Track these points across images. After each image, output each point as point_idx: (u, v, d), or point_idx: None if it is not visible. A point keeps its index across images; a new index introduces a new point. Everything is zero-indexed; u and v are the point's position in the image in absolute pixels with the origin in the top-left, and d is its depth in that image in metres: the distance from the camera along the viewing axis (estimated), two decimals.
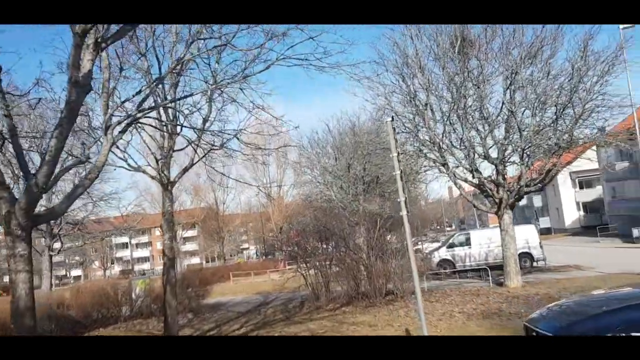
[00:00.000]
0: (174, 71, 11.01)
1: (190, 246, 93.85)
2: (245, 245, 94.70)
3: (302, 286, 20.19)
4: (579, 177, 56.01)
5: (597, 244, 40.86)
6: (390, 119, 9.48)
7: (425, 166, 19.81)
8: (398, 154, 8.82)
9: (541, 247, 26.08)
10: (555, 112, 16.33)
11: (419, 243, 52.74)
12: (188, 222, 59.08)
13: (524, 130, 16.51)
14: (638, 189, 42.99)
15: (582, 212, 57.05)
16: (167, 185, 14.10)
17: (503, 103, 17.18)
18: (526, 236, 26.30)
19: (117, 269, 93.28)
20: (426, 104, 18.26)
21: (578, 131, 16.67)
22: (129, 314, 21.18)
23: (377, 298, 17.60)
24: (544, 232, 60.85)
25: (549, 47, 16.45)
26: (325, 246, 20.04)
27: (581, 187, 57.10)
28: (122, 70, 11.32)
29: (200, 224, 67.43)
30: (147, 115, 10.73)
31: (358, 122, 26.56)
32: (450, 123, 18.14)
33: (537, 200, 62.13)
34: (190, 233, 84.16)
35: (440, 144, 18.19)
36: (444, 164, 18.37)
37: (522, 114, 16.92)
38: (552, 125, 16.48)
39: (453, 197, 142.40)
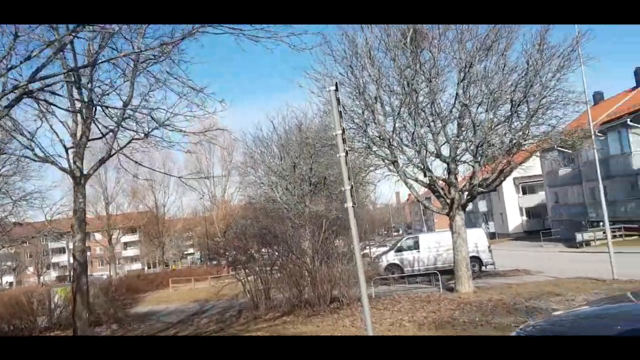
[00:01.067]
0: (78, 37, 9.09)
1: (132, 251, 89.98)
2: (190, 251, 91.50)
3: (242, 293, 18.47)
4: (522, 182, 56.52)
5: (541, 249, 40.94)
6: (334, 87, 7.97)
7: (373, 165, 18.48)
8: (343, 130, 7.32)
9: (490, 251, 25.32)
10: (511, 108, 15.32)
11: (367, 247, 51.73)
12: (125, 226, 55.95)
13: (477, 126, 15.43)
14: (580, 195, 43.42)
15: (525, 217, 57.57)
16: (79, 179, 12.13)
17: (456, 97, 16.06)
18: (475, 240, 25.46)
19: (53, 275, 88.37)
20: (376, 98, 16.95)
21: (533, 129, 15.73)
22: (46, 326, 18.85)
23: (322, 306, 16.10)
24: (489, 236, 61.25)
25: (505, 39, 15.47)
26: (266, 250, 18.38)
27: (524, 193, 57.64)
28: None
29: (140, 228, 64.20)
30: (56, 93, 8.89)
31: (305, 118, 25.04)
32: (401, 119, 16.90)
33: (482, 205, 62.43)
34: (131, 238, 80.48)
35: (390, 140, 16.92)
36: (394, 162, 17.10)
37: (477, 109, 15.86)
38: (506, 122, 15.47)
39: (400, 202, 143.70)
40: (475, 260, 25.28)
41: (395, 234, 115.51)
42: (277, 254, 17.74)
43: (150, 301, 28.74)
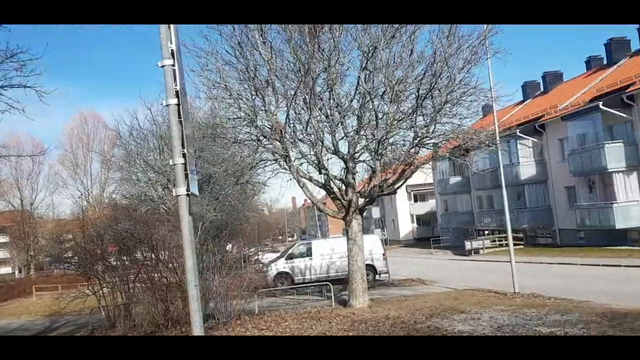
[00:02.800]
0: None
1: (0, 254, 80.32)
2: (70, 254, 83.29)
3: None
4: (413, 190, 56.75)
5: (432, 256, 40.61)
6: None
7: (263, 160, 15.93)
8: (179, 95, 4.52)
9: (385, 259, 23.67)
10: (416, 101, 13.47)
11: (258, 254, 48.72)
12: None
13: (380, 119, 13.42)
14: (468, 203, 43.80)
15: (415, 225, 57.84)
16: None
17: (357, 86, 13.96)
18: (370, 247, 23.68)
19: None
20: (267, 82, 14.46)
21: (438, 126, 14.03)
22: None
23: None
24: (384, 243, 60.94)
25: (413, 24, 13.60)
26: (127, 257, 15.13)
27: (415, 200, 57.94)
28: None
29: (6, 229, 56.59)
30: None
31: (191, 107, 21.88)
32: (295, 108, 14.53)
33: (376, 212, 62.05)
34: (1, 239, 71.43)
35: (282, 131, 14.48)
36: (286, 157, 14.68)
37: (379, 101, 13.85)
38: (411, 115, 13.60)
39: (296, 207, 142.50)
40: (370, 268, 23.46)
41: (290, 239, 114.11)
42: (140, 262, 14.57)
43: None
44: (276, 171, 16.38)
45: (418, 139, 13.74)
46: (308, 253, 24.04)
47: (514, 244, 35.56)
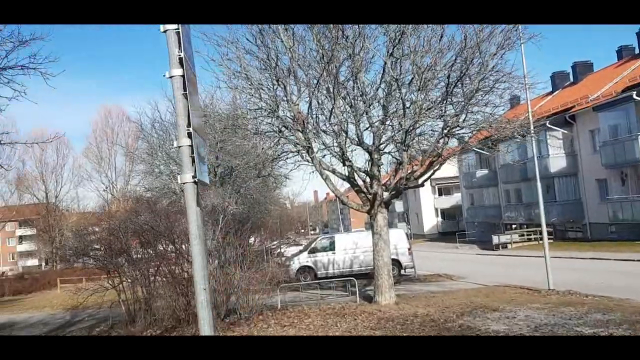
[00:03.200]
0: None
1: (27, 246, 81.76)
2: (97, 246, 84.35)
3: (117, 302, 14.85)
4: (438, 184, 55.77)
5: (457, 250, 39.77)
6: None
7: (285, 152, 15.45)
8: (183, 63, 3.93)
9: (410, 254, 23.04)
10: (446, 88, 12.78)
11: (282, 247, 48.41)
12: (9, 218, 49.42)
13: (408, 108, 12.77)
14: (495, 197, 42.77)
15: (440, 219, 56.90)
16: None
17: (383, 74, 13.33)
18: (395, 241, 23.05)
19: None
20: (289, 70, 13.94)
21: (469, 115, 13.32)
22: None
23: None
24: (410, 237, 60.20)
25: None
26: (148, 251, 14.81)
27: (440, 194, 56.96)
28: None
29: (32, 222, 57.24)
30: None
31: (212, 99, 21.48)
32: (318, 97, 13.99)
33: (399, 206, 61.23)
34: (26, 231, 72.57)
35: (305, 122, 13.96)
36: (308, 149, 14.15)
37: (408, 86, 13.19)
38: (440, 104, 12.92)
39: (318, 201, 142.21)
40: (395, 263, 22.86)
41: (312, 232, 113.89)
42: (161, 255, 14.23)
43: (21, 306, 24.19)
44: (298, 163, 15.90)
45: (448, 128, 13.06)
46: (331, 247, 23.54)
47: (542, 238, 34.89)
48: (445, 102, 12.79)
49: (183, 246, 14.48)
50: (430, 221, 56.82)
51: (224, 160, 22.07)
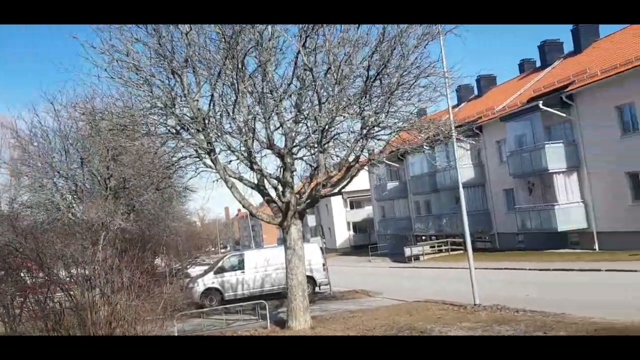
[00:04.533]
0: None
1: None
2: None
3: None
4: (349, 197, 54.99)
5: (370, 264, 38.74)
6: None
7: (184, 157, 13.21)
8: None
9: (326, 269, 21.34)
10: (365, 82, 11.22)
11: (189, 267, 44.98)
12: None
13: (324, 103, 11.05)
14: (405, 208, 42.39)
15: (352, 232, 56.05)
16: None
17: (295, 67, 11.55)
18: (309, 256, 21.28)
19: None
20: (186, 60, 11.80)
21: (390, 114, 11.83)
22: None
23: None
24: (324, 252, 58.75)
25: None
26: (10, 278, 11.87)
27: (352, 207, 56.20)
28: None
29: None
30: None
31: (93, 93, 18.30)
32: (220, 93, 11.96)
33: (312, 220, 59.80)
34: None
35: (206, 121, 11.86)
36: (210, 152, 12.04)
37: (324, 77, 11.49)
38: (359, 100, 11.32)
39: (230, 217, 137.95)
40: (309, 280, 21.07)
41: (223, 250, 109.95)
42: (26, 283, 11.41)
43: None
44: (200, 170, 13.70)
45: (367, 128, 11.48)
46: (240, 266, 21.32)
47: (452, 249, 34.66)
48: (364, 98, 11.20)
49: (61, 272, 11.81)
50: (343, 235, 55.84)
51: (116, 170, 19.27)
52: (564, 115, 25.21)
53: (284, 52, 12.33)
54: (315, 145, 11.49)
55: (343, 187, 13.46)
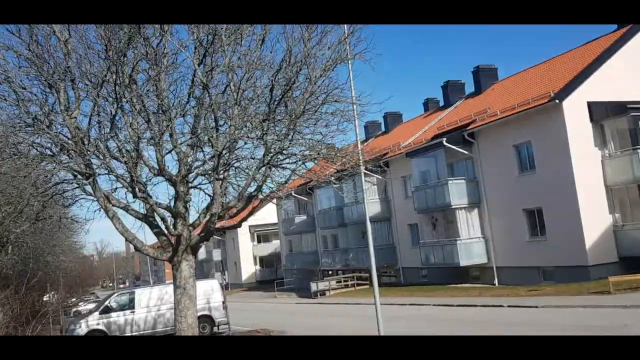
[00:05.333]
0: None
1: None
2: None
3: None
4: (257, 230, 53.55)
5: (275, 299, 37.35)
6: None
7: (59, 181, 11.46)
8: None
9: (225, 307, 19.77)
10: (269, 105, 10.27)
11: (81, 304, 40.99)
12: None
13: (222, 126, 9.92)
14: (313, 243, 41.65)
15: (258, 267, 54.35)
16: None
17: (193, 82, 10.38)
18: (207, 294, 19.74)
19: None
20: (65, 71, 10.26)
21: (295, 140, 10.93)
22: None
23: None
24: (224, 289, 56.26)
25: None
26: None
27: (259, 241, 54.65)
28: None
29: None
30: None
31: None
32: (102, 108, 10.48)
33: (217, 254, 57.40)
34: None
35: (84, 141, 10.30)
36: (89, 176, 10.44)
37: (223, 95, 10.37)
38: (261, 124, 10.30)
39: (130, 252, 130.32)
40: (207, 320, 19.49)
41: (122, 286, 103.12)
42: None
43: None
44: (80, 197, 11.98)
45: (270, 155, 10.47)
46: (130, 305, 19.22)
47: (358, 284, 34.13)
48: (267, 122, 10.21)
49: None
50: (249, 269, 53.96)
51: None
52: (466, 152, 25.80)
53: (180, 70, 11.13)
54: (211, 172, 10.26)
55: (244, 220, 12.27)
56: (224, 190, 11.50)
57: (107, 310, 18.99)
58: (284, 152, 10.89)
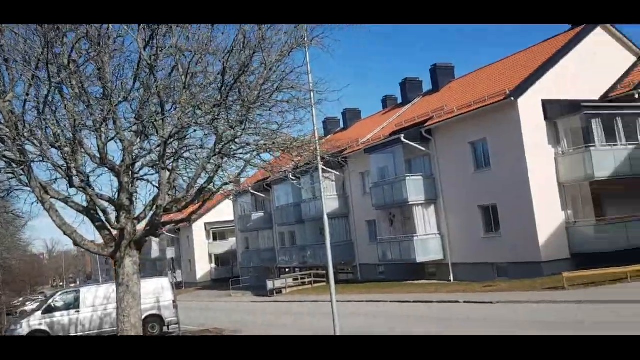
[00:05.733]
0: None
1: None
2: None
3: None
4: (213, 228, 52.46)
5: (230, 298, 36.53)
6: None
7: None
8: None
9: (175, 307, 18.97)
10: (220, 90, 9.65)
11: (28, 303, 39.11)
12: None
13: (168, 111, 9.26)
14: (270, 240, 40.99)
15: (214, 265, 53.23)
16: None
17: (139, 63, 9.65)
18: (157, 292, 18.93)
19: None
20: None
21: (249, 129, 10.36)
22: None
23: None
24: (174, 287, 54.79)
25: None
26: None
27: (215, 239, 53.50)
28: None
29: None
30: None
31: None
32: (38, 90, 9.64)
33: (171, 252, 55.94)
34: None
35: (19, 126, 9.45)
36: (22, 164, 9.58)
37: (170, 77, 9.69)
38: (212, 110, 9.68)
39: (81, 249, 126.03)
40: (156, 319, 18.70)
41: (73, 285, 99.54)
42: None
43: None
44: (14, 188, 11.07)
45: (221, 144, 9.86)
46: (75, 304, 18.21)
47: (315, 281, 33.71)
48: (218, 108, 9.60)
49: None
50: (204, 268, 52.76)
51: None
52: (424, 149, 25.76)
53: (126, 54, 10.38)
54: (158, 161, 9.58)
55: (195, 214, 11.61)
56: (172, 182, 10.83)
57: (50, 310, 17.94)
58: (236, 141, 10.32)
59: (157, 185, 10.21)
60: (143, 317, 18.89)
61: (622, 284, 15.81)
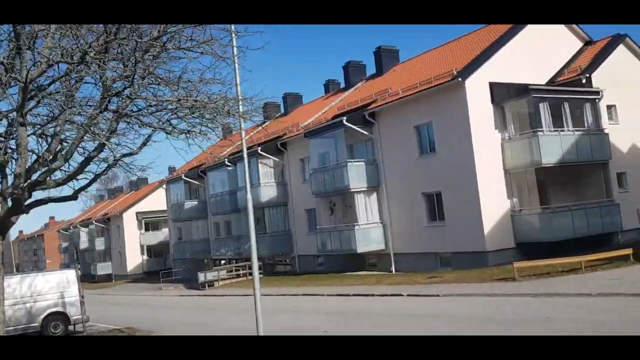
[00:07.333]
0: None
1: None
2: None
3: None
4: (145, 218, 49.02)
5: (160, 292, 33.65)
6: None
7: None
8: None
9: (83, 302, 16.19)
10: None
11: None
12: None
13: (33, 48, 6.72)
14: (204, 230, 38.19)
15: (146, 256, 49.74)
16: None
17: None
18: (61, 287, 16.14)
19: None
20: None
21: (149, 79, 7.98)
22: None
23: None
24: (104, 279, 50.87)
25: None
26: None
27: (147, 229, 49.99)
28: None
29: None
30: None
31: None
32: None
33: (100, 242, 51.94)
34: None
35: None
36: None
37: None
38: (90, 51, 7.20)
39: (10, 240, 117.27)
40: (60, 317, 15.96)
41: None
42: None
43: None
44: None
45: (108, 96, 7.41)
46: None
47: (250, 273, 31.30)
48: (108, 43, 7.14)
49: None
50: (135, 259, 49.19)
51: None
52: (367, 133, 23.92)
53: None
54: (16, 113, 7.02)
55: (81, 190, 9.07)
56: (51, 147, 8.25)
57: None
58: (132, 97, 7.88)
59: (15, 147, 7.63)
60: (44, 315, 16.31)
61: (577, 275, 14.46)
